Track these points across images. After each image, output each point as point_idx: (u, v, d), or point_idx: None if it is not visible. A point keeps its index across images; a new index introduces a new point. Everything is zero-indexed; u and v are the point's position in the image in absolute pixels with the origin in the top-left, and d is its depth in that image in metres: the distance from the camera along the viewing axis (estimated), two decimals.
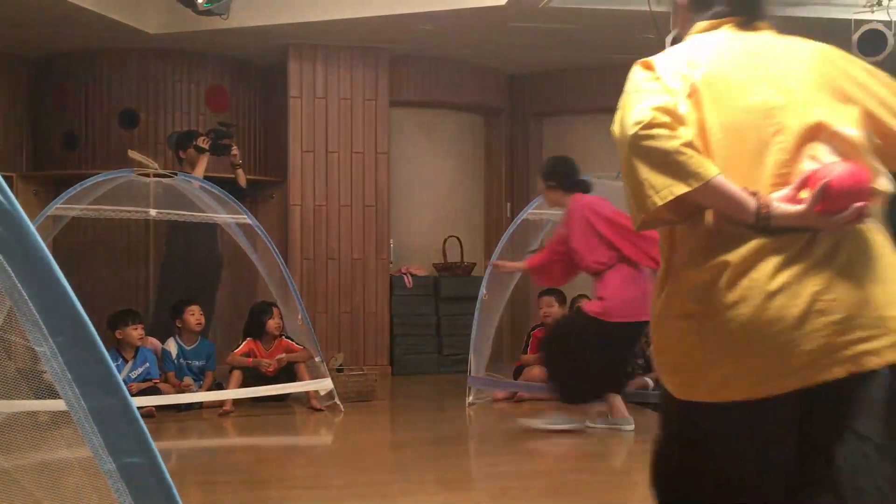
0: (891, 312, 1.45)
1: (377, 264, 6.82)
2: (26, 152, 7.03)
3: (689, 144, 1.48)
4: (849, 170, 1.45)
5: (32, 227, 1.03)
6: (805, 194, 1.44)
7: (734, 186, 1.47)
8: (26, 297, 0.99)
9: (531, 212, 5.63)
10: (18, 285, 0.99)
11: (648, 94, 1.55)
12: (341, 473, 3.82)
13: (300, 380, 5.33)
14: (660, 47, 5.57)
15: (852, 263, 1.47)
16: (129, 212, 5.09)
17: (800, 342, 1.43)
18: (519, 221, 5.69)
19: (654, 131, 1.48)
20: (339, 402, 5.22)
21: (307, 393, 5.33)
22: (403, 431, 4.94)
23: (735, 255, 1.48)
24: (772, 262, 1.46)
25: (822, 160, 1.48)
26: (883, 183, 1.49)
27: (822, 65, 1.62)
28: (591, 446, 4.35)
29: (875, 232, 1.55)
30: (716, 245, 1.51)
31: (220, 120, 6.45)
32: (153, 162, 5.19)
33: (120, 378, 1.02)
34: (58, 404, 1.10)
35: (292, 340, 5.50)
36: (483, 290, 5.59)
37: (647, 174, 1.49)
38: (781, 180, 1.50)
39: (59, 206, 4.87)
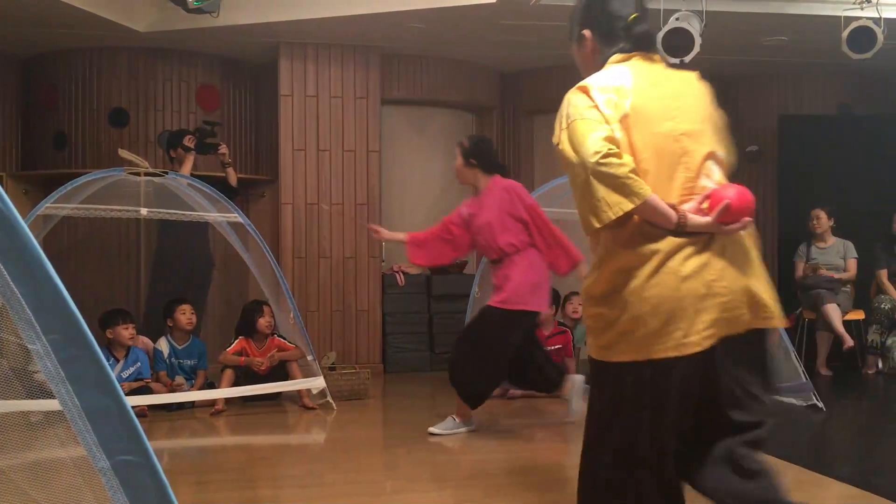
0: (754, 299, 2.04)
1: (369, 262, 6.82)
2: (16, 151, 7.01)
3: (633, 171, 1.94)
4: (740, 193, 2.01)
5: (25, 226, 1.03)
6: (706, 205, 2.00)
7: (661, 202, 1.97)
8: (19, 296, 0.98)
9: None
10: (11, 284, 0.99)
11: (594, 123, 1.99)
12: (334, 471, 3.82)
13: (292, 378, 5.33)
14: None
15: (734, 260, 2.04)
16: (119, 211, 5.07)
17: (701, 315, 1.97)
18: None
19: (609, 160, 1.93)
20: (331, 401, 5.23)
21: (299, 392, 5.33)
22: (396, 429, 4.94)
23: (664, 245, 1.99)
24: (684, 253, 1.99)
25: (713, 177, 2.07)
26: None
27: (705, 100, 2.17)
28: None
29: (747, 237, 2.11)
30: (640, 240, 2.00)
31: (205, 118, 6.44)
32: (144, 161, 5.18)
33: (114, 376, 1.02)
34: (52, 404, 1.09)
35: (284, 339, 5.50)
36: (475, 288, 5.60)
37: (604, 193, 1.94)
38: (688, 192, 2.03)
39: (50, 206, 4.86)
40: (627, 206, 1.93)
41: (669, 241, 1.99)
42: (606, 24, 2.15)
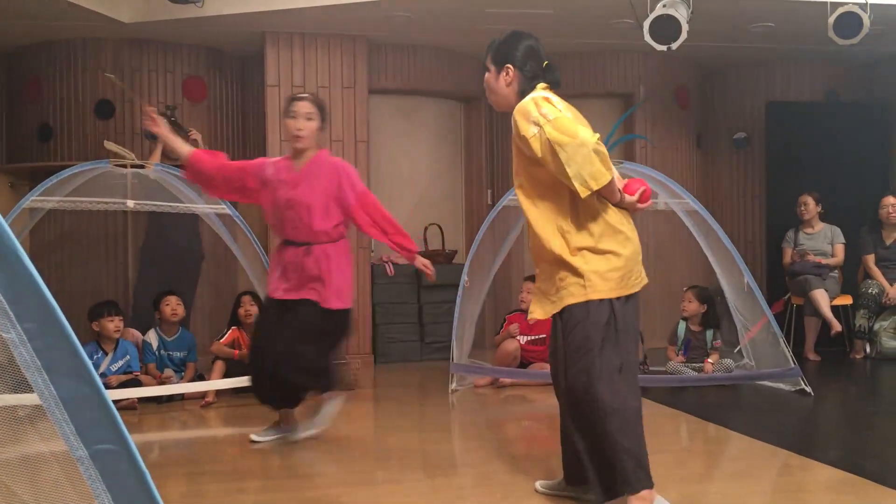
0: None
1: (358, 253, 6.80)
2: (1, 145, 6.96)
3: (607, 153, 2.76)
4: (645, 183, 2.93)
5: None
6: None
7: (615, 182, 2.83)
8: None
9: (512, 198, 5.63)
10: None
11: (574, 120, 2.75)
12: (325, 462, 3.81)
13: None
14: (638, 32, 5.55)
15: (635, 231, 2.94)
16: (106, 203, 5.04)
17: (637, 267, 2.88)
18: (499, 208, 5.70)
19: (600, 143, 2.70)
20: None
21: None
22: (387, 419, 4.94)
23: (626, 214, 2.90)
24: (629, 222, 2.91)
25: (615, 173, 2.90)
26: None
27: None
28: None
29: None
30: (608, 207, 2.84)
31: (167, 104, 6.41)
32: (129, 152, 5.15)
33: (91, 365, 1.01)
34: (35, 398, 1.08)
35: None
36: (465, 278, 5.60)
37: (598, 166, 2.68)
38: None
39: (35, 199, 4.84)
40: (608, 177, 2.72)
41: (626, 213, 2.90)
42: (529, 65, 2.93)
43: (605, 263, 2.79)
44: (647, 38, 5.33)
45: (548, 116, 2.72)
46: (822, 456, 3.59)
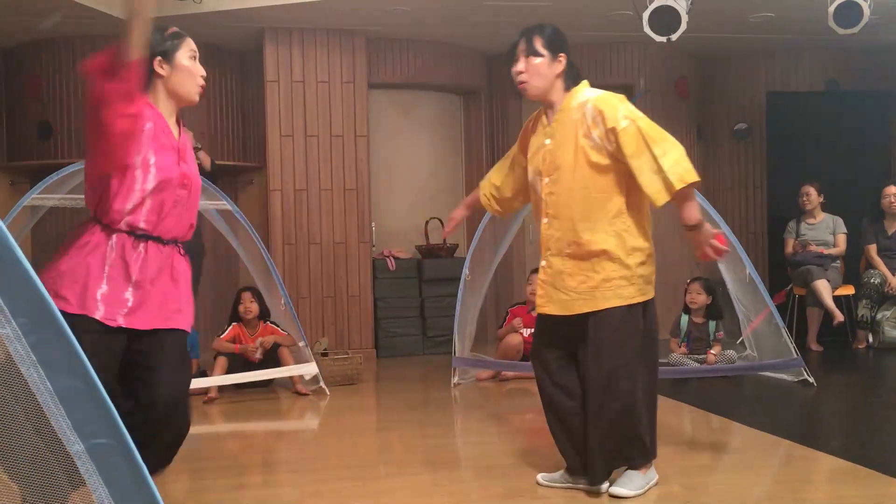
0: None
1: (359, 248, 6.80)
2: (1, 143, 6.95)
3: None
4: None
5: None
6: None
7: None
8: None
9: None
10: None
11: None
12: (328, 457, 3.82)
13: (285, 365, 5.33)
14: (637, 23, 5.53)
15: None
16: None
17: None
18: None
19: None
20: (324, 386, 5.23)
21: (292, 378, 5.33)
22: (389, 413, 4.95)
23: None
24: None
25: None
26: None
27: None
28: None
29: None
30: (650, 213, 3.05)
31: None
32: None
33: (86, 360, 1.01)
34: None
35: (277, 325, 5.49)
36: (466, 271, 5.60)
37: (690, 164, 2.80)
38: None
39: (36, 196, 4.83)
40: (696, 176, 2.81)
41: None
42: (570, 57, 3.05)
43: (650, 265, 2.97)
44: (647, 29, 5.32)
45: (637, 113, 2.84)
46: (824, 446, 3.59)
